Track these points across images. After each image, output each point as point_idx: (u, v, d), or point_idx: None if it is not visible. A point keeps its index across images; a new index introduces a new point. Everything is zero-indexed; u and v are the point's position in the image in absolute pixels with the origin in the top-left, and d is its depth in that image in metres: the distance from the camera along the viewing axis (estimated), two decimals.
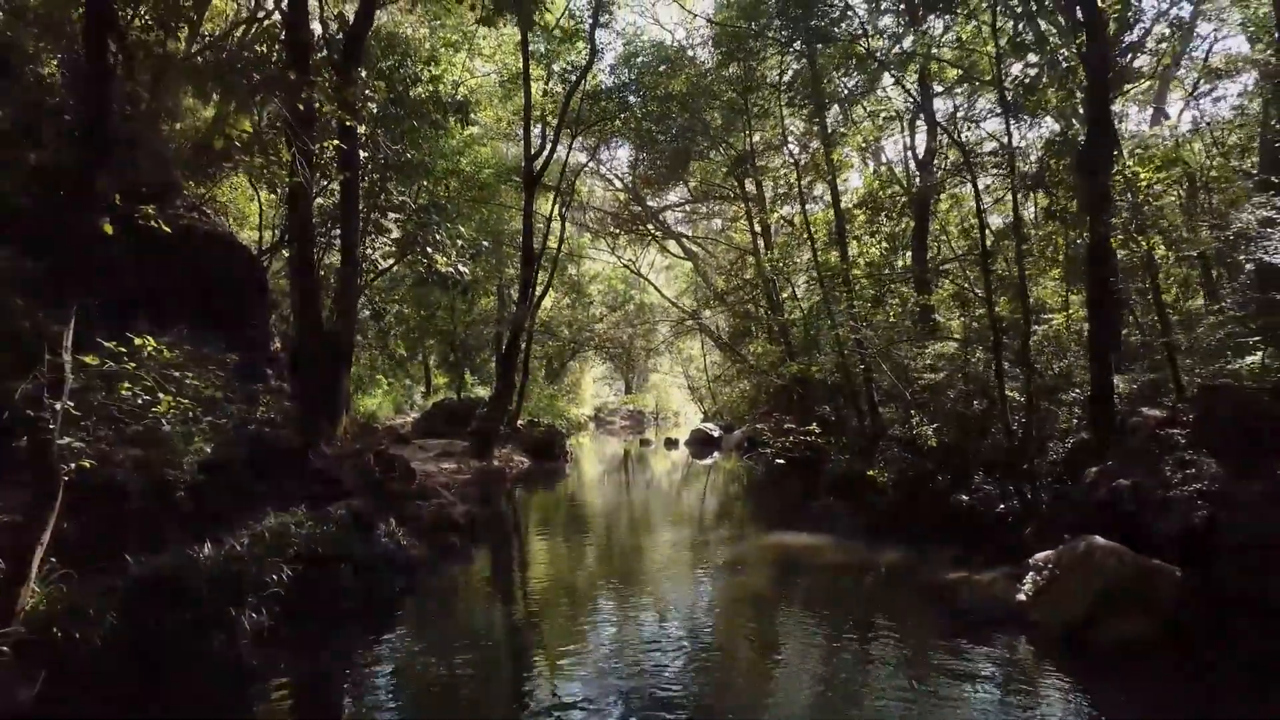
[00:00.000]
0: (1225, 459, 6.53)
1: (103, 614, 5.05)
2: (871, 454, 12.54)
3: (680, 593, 8.17)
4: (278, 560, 6.44)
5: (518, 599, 8.23)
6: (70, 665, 4.81)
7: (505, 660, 6.33)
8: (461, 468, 16.17)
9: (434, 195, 14.17)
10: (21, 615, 4.68)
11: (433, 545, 8.95)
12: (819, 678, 5.70)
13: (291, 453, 8.68)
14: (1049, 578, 6.45)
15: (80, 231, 4.37)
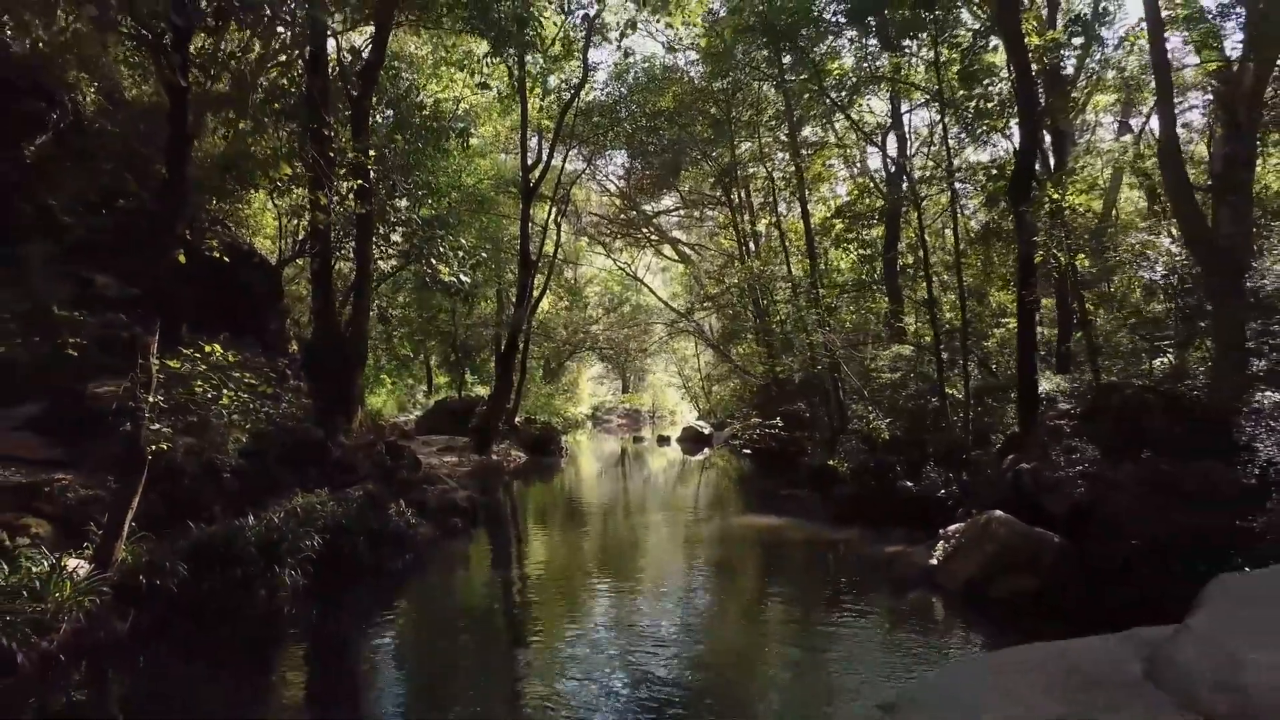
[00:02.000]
0: (1105, 447, 7.75)
1: (175, 568, 6.28)
2: (835, 447, 13.78)
3: (658, 566, 9.43)
4: (308, 531, 7.68)
5: (513, 570, 9.48)
6: (152, 606, 6.05)
7: (500, 619, 7.59)
8: (462, 461, 17.41)
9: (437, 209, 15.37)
10: (116, 565, 5.93)
11: (437, 525, 10.18)
12: (765, 625, 6.96)
13: (314, 444, 9.93)
14: (955, 545, 7.69)
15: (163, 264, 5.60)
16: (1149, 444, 7.67)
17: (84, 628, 5.57)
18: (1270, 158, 15.46)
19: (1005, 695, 2.14)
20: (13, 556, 5.81)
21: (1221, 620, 2.29)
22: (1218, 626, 2.26)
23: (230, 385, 6.86)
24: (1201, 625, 2.30)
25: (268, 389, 7.86)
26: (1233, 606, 2.38)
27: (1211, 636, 2.18)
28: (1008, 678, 2.29)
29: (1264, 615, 2.22)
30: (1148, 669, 2.13)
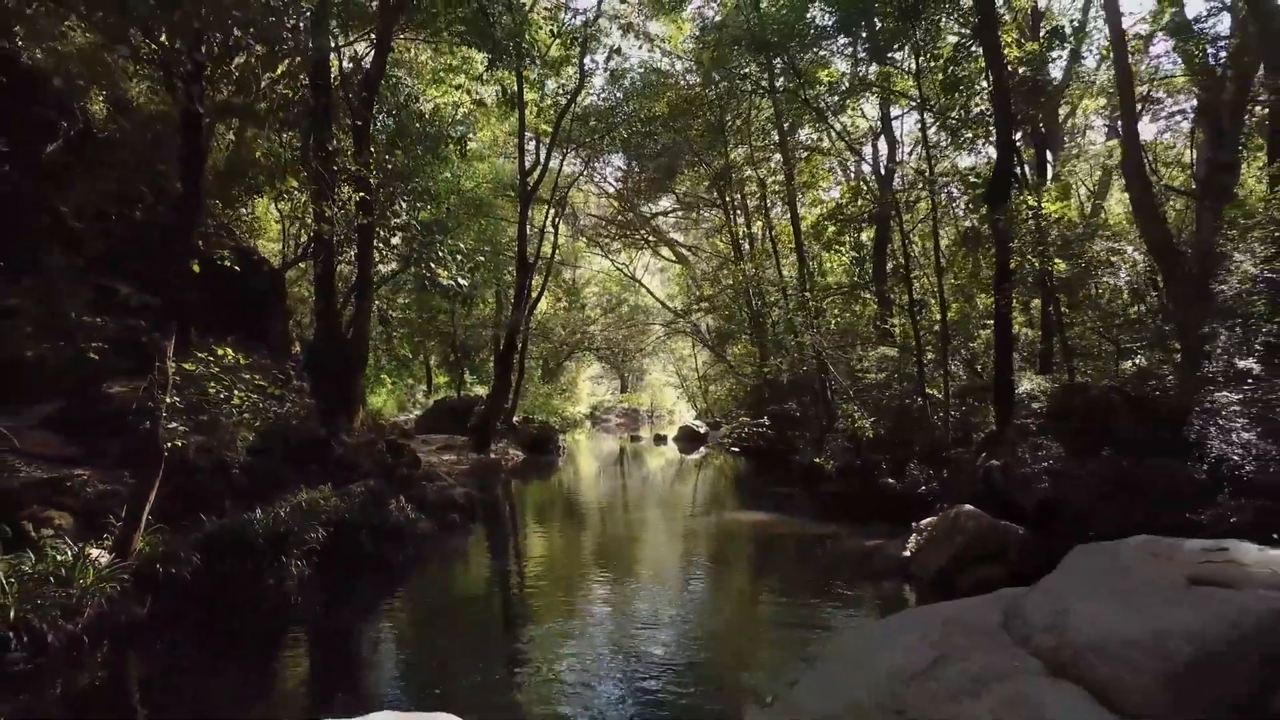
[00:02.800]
0: (1071, 445, 8.17)
1: (189, 558, 6.70)
2: (822, 446, 14.19)
3: (649, 558, 9.85)
4: (313, 524, 8.09)
5: (510, 563, 9.89)
6: (168, 593, 6.46)
7: (497, 607, 7.99)
8: (461, 459, 17.81)
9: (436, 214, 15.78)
10: (134, 554, 6.34)
11: (436, 520, 10.58)
12: (746, 610, 7.37)
13: (317, 442, 10.33)
14: (928, 538, 8.09)
15: (179, 273, 6.00)
16: (1113, 442, 8.09)
17: (106, 612, 5.98)
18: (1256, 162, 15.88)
19: (897, 644, 2.57)
20: (39, 546, 6.22)
21: (1064, 580, 2.72)
22: (1059, 584, 2.69)
23: (241, 386, 7.27)
24: (1048, 584, 2.73)
25: (275, 390, 8.26)
26: (1077, 569, 2.80)
27: (1052, 592, 2.61)
28: (901, 632, 2.73)
29: (1097, 575, 2.64)
30: (1003, 619, 2.56)
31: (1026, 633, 2.36)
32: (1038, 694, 2.04)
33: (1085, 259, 9.22)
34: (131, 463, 7.46)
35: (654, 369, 49.36)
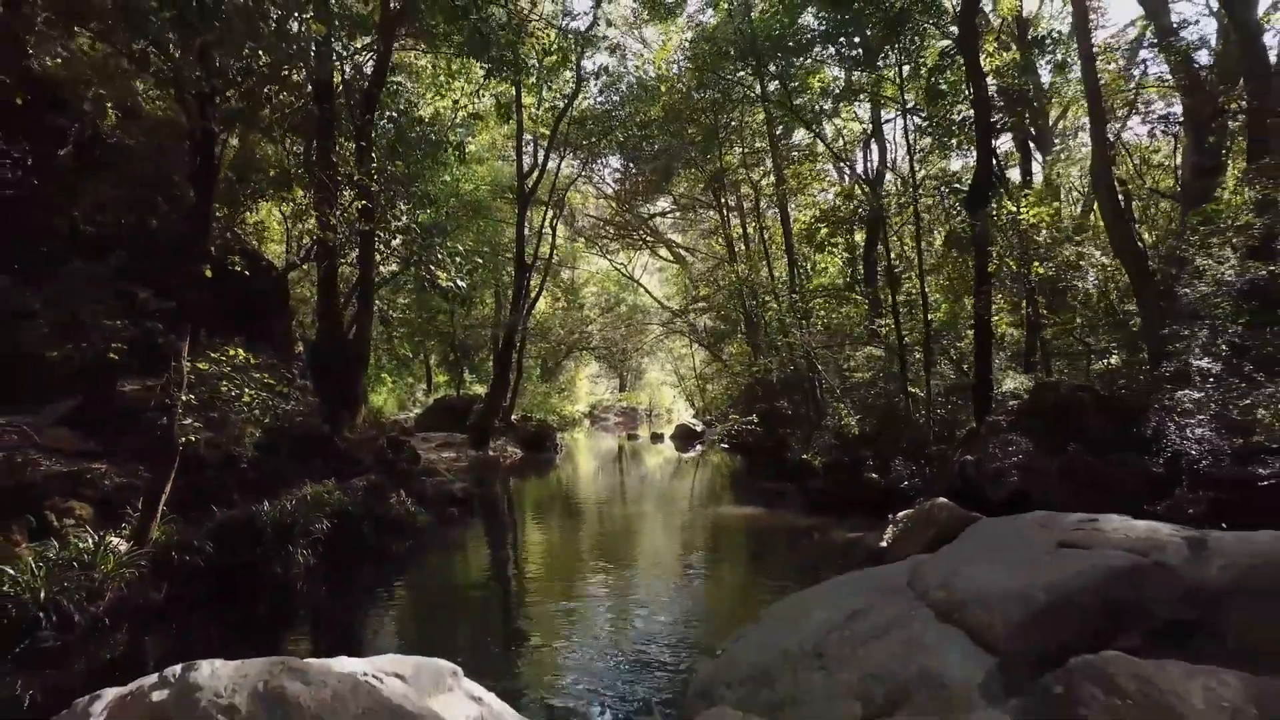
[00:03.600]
0: (1039, 441, 8.57)
1: (202, 546, 7.10)
2: (810, 442, 14.59)
3: (640, 549, 10.25)
4: (318, 516, 8.49)
5: (506, 553, 10.30)
6: (182, 579, 6.87)
7: (492, 591, 8.40)
8: (460, 457, 18.23)
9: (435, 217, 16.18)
10: (151, 543, 6.74)
11: (435, 513, 10.99)
12: (727, 593, 7.77)
13: (321, 438, 10.74)
14: (903, 529, 8.50)
15: (192, 278, 6.40)
16: (1080, 438, 8.50)
17: (125, 596, 6.38)
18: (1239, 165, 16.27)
19: (824, 604, 2.98)
20: (62, 535, 6.63)
21: (961, 546, 3.14)
22: (956, 550, 3.10)
23: (250, 385, 7.67)
24: (947, 550, 3.16)
25: (283, 389, 8.67)
26: (973, 538, 3.22)
27: (949, 556, 3.03)
28: (829, 594, 3.15)
29: (988, 543, 3.06)
30: (910, 580, 2.96)
31: (925, 589, 2.77)
32: (927, 636, 2.44)
33: (1056, 262, 9.61)
34: (146, 457, 7.88)
35: (652, 368, 49.75)
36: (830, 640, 2.64)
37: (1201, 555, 2.59)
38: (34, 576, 5.74)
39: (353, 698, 1.97)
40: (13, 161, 11.63)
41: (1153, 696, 1.61)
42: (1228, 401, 7.74)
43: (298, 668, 2.03)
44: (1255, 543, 2.69)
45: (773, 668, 2.63)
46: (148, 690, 1.99)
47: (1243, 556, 2.55)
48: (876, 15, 12.53)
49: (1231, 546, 2.65)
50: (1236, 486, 7.28)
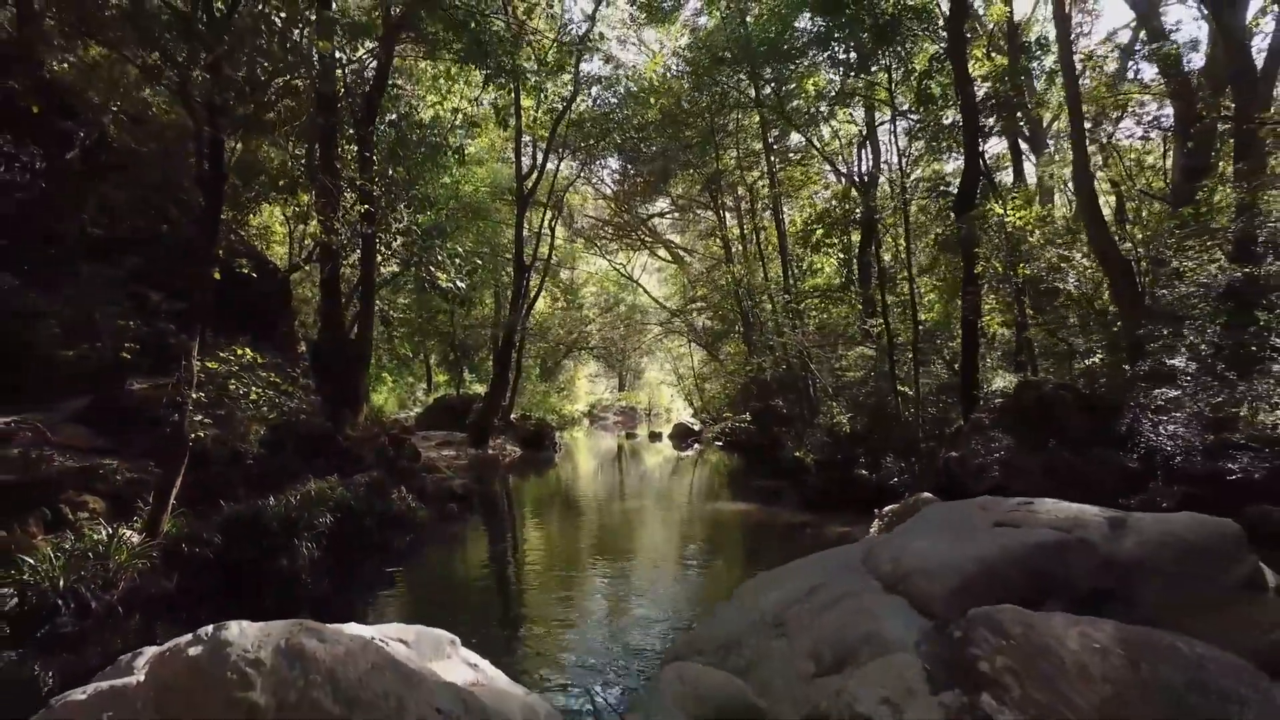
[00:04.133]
0: (1020, 438, 8.84)
1: (211, 539, 7.37)
2: (803, 440, 14.87)
3: (634, 543, 10.53)
4: (322, 511, 8.76)
5: (504, 545, 10.57)
6: (192, 570, 7.14)
7: (491, 580, 8.67)
8: (460, 455, 18.50)
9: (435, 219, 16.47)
10: (162, 535, 7.01)
11: (436, 509, 11.25)
12: (714, 581, 8.04)
13: (324, 436, 11.01)
14: (887, 523, 8.76)
15: (202, 281, 6.67)
16: (1059, 435, 8.77)
17: (138, 585, 6.65)
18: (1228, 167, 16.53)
19: (788, 581, 3.26)
20: (77, 527, 6.90)
21: (910, 527, 3.42)
22: (906, 530, 3.39)
23: (257, 384, 7.95)
24: (898, 530, 3.44)
25: (289, 388, 8.95)
26: (923, 520, 3.51)
27: (899, 535, 3.31)
28: (793, 572, 3.44)
29: (935, 524, 3.35)
30: (864, 557, 3.24)
31: (876, 565, 3.04)
32: (874, 604, 2.71)
33: (1039, 264, 9.89)
34: (155, 453, 8.15)
35: (651, 368, 50.02)
36: (791, 612, 2.91)
37: (1120, 532, 2.87)
38: (53, 566, 6.01)
39: (362, 654, 2.24)
40: (21, 165, 11.94)
41: (1034, 639, 1.87)
42: (1201, 400, 8.01)
43: (314, 628, 2.30)
44: (1169, 522, 2.96)
45: (740, 637, 2.91)
46: (184, 647, 2.26)
47: (1155, 534, 2.83)
48: (868, 21, 12.80)
49: (1148, 525, 2.93)
50: (1208, 481, 7.56)
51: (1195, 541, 2.80)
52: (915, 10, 12.99)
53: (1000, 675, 1.72)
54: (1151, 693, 1.73)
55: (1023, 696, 1.67)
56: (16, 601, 5.87)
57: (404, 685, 2.18)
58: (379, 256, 16.90)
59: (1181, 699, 1.73)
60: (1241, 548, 2.83)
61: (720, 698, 2.21)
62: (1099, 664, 1.77)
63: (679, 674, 2.39)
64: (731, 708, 2.15)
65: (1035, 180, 19.60)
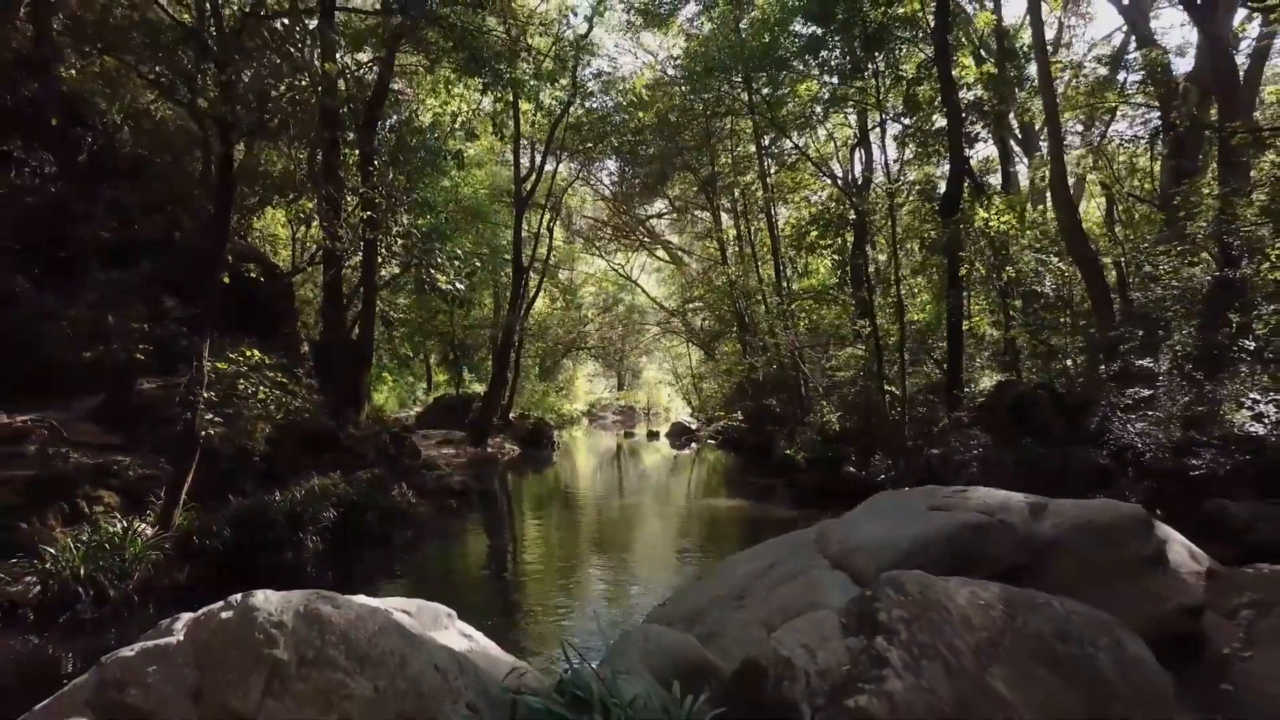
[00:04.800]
0: (997, 435, 9.19)
1: (220, 531, 7.72)
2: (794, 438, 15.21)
3: (626, 535, 10.88)
4: (326, 505, 9.10)
5: (502, 538, 10.93)
6: (203, 562, 7.48)
7: (488, 575, 9.02)
8: (459, 453, 18.83)
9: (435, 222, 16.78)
10: (174, 528, 7.36)
11: (435, 505, 11.60)
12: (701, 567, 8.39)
13: (327, 433, 11.34)
14: None
15: (212, 286, 7.01)
16: (1035, 432, 9.12)
17: (152, 576, 6.99)
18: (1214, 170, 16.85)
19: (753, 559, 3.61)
20: (93, 520, 7.25)
21: (859, 512, 3.77)
22: (854, 514, 3.73)
23: (265, 384, 8.29)
24: (848, 515, 3.78)
25: (295, 387, 9.30)
26: (870, 506, 3.85)
27: (848, 519, 3.66)
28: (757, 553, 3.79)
29: (879, 509, 3.70)
30: (816, 540, 3.59)
31: (825, 546, 3.38)
32: (821, 578, 3.04)
33: (1018, 267, 10.24)
34: (165, 450, 8.50)
35: (650, 367, 50.31)
36: (750, 587, 3.25)
37: (1039, 516, 3.21)
38: (73, 556, 6.35)
39: (371, 619, 2.57)
40: (31, 170, 12.29)
41: (928, 596, 2.20)
42: (1171, 400, 8.35)
43: (329, 596, 2.64)
44: (1084, 508, 3.30)
45: (705, 609, 3.25)
46: (216, 612, 2.60)
47: (1070, 517, 3.17)
48: (857, 30, 13.13)
49: (1065, 510, 3.27)
50: (1174, 477, 7.90)
51: (1105, 524, 3.15)
52: (903, 19, 13.32)
53: (894, 624, 2.05)
54: (1022, 638, 2.06)
55: (909, 639, 1.99)
56: (39, 590, 6.21)
57: (407, 645, 2.52)
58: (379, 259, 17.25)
59: (1048, 643, 2.07)
60: (1147, 529, 3.18)
61: (677, 654, 2.54)
62: (981, 616, 2.10)
63: (644, 634, 2.72)
64: (687, 662, 2.48)
65: (1028, 182, 19.93)
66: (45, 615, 6.12)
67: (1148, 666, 2.18)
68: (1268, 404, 8.14)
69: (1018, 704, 1.88)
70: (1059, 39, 25.63)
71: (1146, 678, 2.12)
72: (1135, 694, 2.04)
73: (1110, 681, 2.02)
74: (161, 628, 2.72)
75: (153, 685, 2.33)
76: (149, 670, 2.38)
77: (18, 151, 12.15)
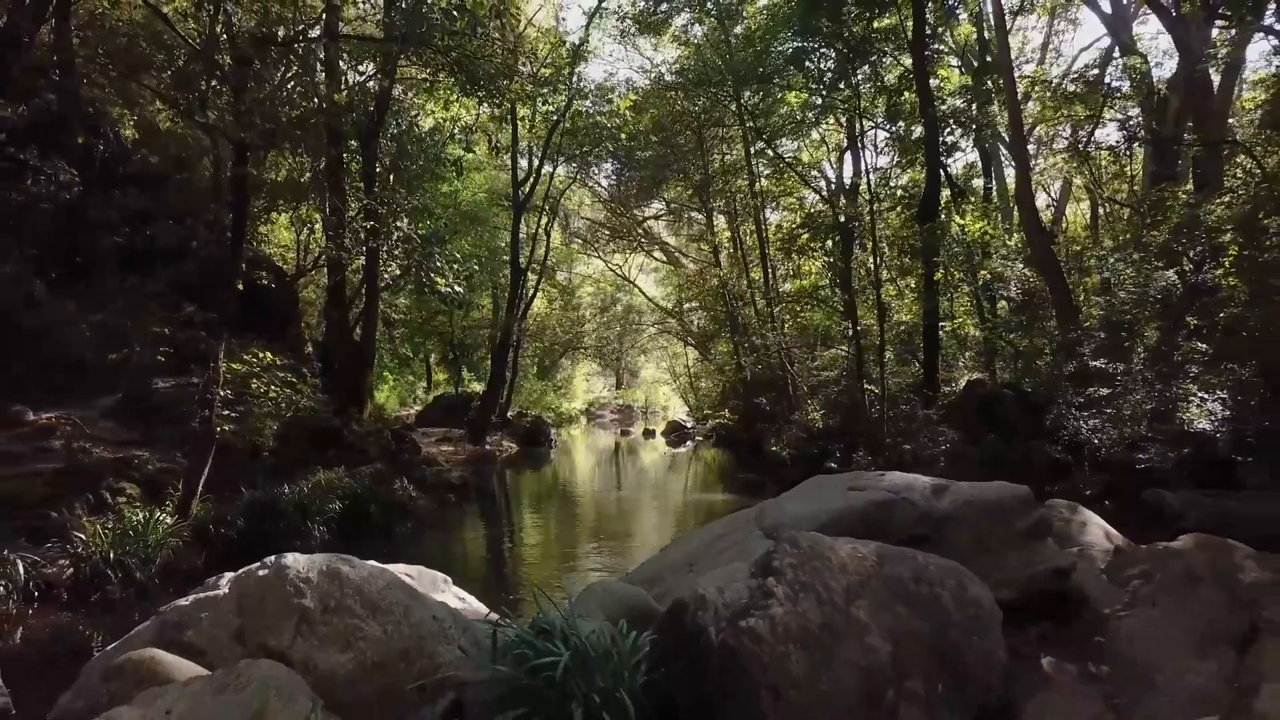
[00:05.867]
0: (964, 431, 9.75)
1: (234, 521, 8.28)
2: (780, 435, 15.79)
3: (617, 525, 11.46)
4: (331, 498, 9.67)
5: (498, 532, 11.49)
6: (218, 549, 8.05)
7: (485, 562, 9.59)
8: (458, 450, 19.37)
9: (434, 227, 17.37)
10: (191, 518, 7.93)
11: (435, 498, 12.15)
12: None
13: (331, 430, 11.91)
14: None
15: (228, 292, 7.57)
16: (999, 428, 9.68)
17: (172, 561, 7.55)
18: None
19: (704, 533, 4.17)
20: (116, 510, 7.80)
21: (792, 494, 4.33)
22: (788, 496, 4.30)
23: (276, 383, 8.86)
24: (783, 496, 4.34)
25: (303, 387, 9.88)
26: (801, 489, 4.41)
27: (783, 499, 4.22)
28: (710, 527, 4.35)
29: (810, 490, 4.25)
30: (756, 515, 4.15)
31: (762, 520, 3.93)
32: (754, 545, 3.57)
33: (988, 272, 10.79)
34: (180, 445, 9.07)
35: (648, 366, 50.87)
36: (699, 555, 3.80)
37: (940, 495, 3.76)
38: (103, 541, 6.92)
39: (380, 577, 3.12)
40: (47, 178, 12.85)
41: (816, 549, 2.74)
42: (1124, 399, 8.91)
43: (346, 558, 3.20)
44: (977, 488, 3.86)
45: (662, 575, 3.80)
46: (255, 570, 3.15)
47: (965, 495, 3.73)
48: (839, 44, 13.67)
49: (962, 490, 3.83)
50: (1123, 469, 8.47)
51: (993, 501, 3.71)
52: (883, 32, 13.87)
53: (784, 569, 2.58)
54: (886, 580, 2.61)
55: (793, 579, 2.53)
56: (72, 572, 6.78)
57: (410, 598, 3.08)
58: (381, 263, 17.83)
59: (905, 584, 2.62)
60: (1030, 506, 3.74)
61: (627, 602, 3.09)
62: (856, 564, 2.64)
63: (602, 587, 3.28)
64: (635, 608, 3.03)
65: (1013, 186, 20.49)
66: (78, 595, 6.69)
67: (983, 604, 2.75)
68: (1214, 403, 8.72)
69: (873, 626, 2.42)
70: (1047, 43, 26.21)
71: (979, 612, 2.69)
72: (968, 621, 2.60)
73: (949, 612, 2.58)
74: (208, 584, 3.29)
75: (204, 628, 2.89)
76: (201, 616, 2.94)
77: (33, 160, 12.75)
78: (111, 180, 12.99)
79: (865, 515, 3.56)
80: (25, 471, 7.76)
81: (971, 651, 2.52)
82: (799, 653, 2.25)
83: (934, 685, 2.34)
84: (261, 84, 7.02)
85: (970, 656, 2.51)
